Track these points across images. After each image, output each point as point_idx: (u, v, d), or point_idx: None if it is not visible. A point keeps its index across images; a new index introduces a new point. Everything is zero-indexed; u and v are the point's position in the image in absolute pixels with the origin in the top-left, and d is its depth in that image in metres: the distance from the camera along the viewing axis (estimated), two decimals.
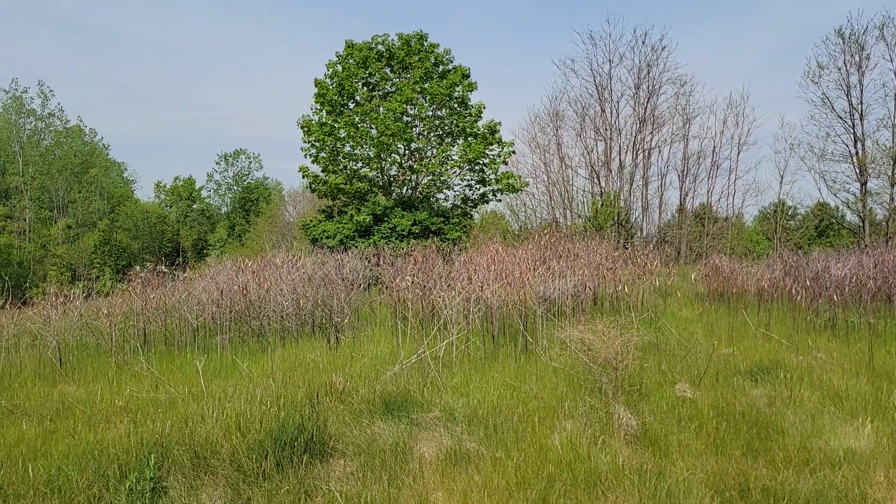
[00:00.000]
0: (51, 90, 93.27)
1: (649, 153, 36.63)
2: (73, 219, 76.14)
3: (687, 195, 38.99)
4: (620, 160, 35.79)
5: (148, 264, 17.58)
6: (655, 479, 5.97)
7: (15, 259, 69.45)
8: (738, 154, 40.94)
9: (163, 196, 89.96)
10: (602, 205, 31.70)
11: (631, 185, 36.02)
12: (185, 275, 18.24)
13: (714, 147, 38.98)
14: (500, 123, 29.96)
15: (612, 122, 36.17)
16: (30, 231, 73.48)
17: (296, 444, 6.49)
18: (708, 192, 39.55)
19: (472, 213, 33.01)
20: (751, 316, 14.01)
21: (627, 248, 17.93)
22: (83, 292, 16.61)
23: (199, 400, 8.26)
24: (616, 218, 31.80)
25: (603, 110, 36.22)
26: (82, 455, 6.30)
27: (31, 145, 76.20)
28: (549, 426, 7.24)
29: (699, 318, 14.16)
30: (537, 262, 13.36)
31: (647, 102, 36.36)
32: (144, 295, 14.68)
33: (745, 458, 6.59)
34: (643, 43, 41.05)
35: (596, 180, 35.38)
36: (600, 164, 35.76)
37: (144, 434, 6.82)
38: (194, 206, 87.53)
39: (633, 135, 36.20)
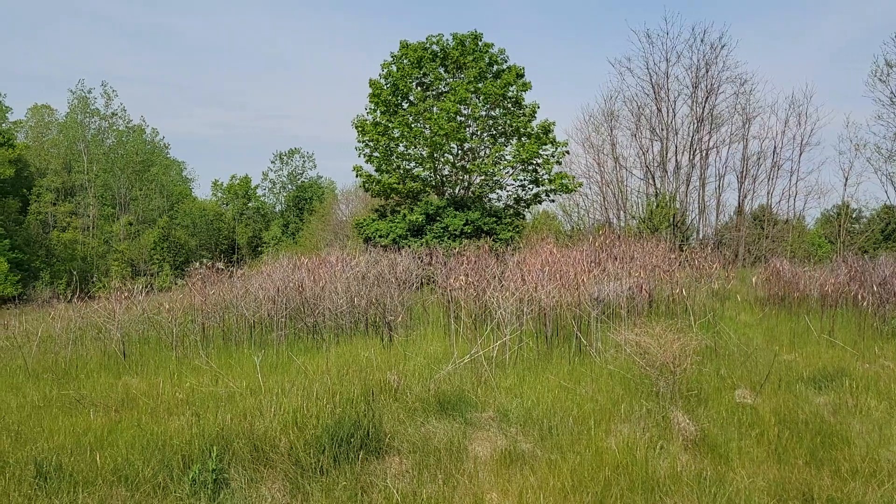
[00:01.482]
0: (114, 90, 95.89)
1: (707, 154, 35.91)
2: (135, 216, 78.41)
3: (746, 197, 38.11)
4: (677, 161, 35.19)
5: (205, 261, 17.97)
6: (715, 486, 5.84)
7: (79, 254, 71.89)
8: (800, 155, 39.74)
9: (219, 194, 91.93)
10: (657, 206, 31.20)
11: (687, 186, 35.38)
12: (241, 272, 18.60)
13: (775, 147, 38.02)
14: (554, 123, 29.76)
15: (669, 121, 35.57)
16: (93, 227, 75.95)
17: (352, 440, 6.55)
18: (768, 193, 38.60)
19: (524, 213, 32.87)
20: (813, 321, 13.61)
21: (684, 251, 17.60)
22: (144, 287, 17.07)
23: (256, 394, 8.40)
24: (671, 219, 31.26)
25: (659, 110, 35.66)
26: (147, 445, 6.47)
27: (96, 144, 78.70)
28: (605, 429, 7.15)
29: (759, 323, 13.82)
30: (592, 264, 13.22)
31: (706, 102, 35.64)
32: (204, 291, 15.00)
33: (808, 467, 6.40)
34: (702, 41, 40.29)
35: (651, 181, 34.84)
36: (656, 165, 35.21)
37: (205, 426, 6.97)
38: (250, 205, 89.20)
39: (691, 135, 35.55)
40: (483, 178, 30.69)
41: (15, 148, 72.86)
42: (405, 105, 30.77)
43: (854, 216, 43.63)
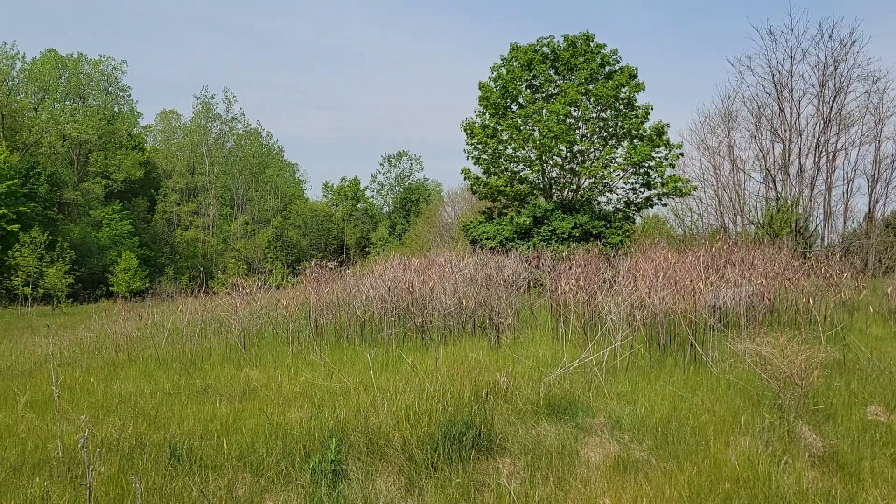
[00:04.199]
0: (234, 96, 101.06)
1: (834, 156, 33.93)
2: (251, 215, 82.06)
3: (877, 202, 35.70)
4: (800, 163, 33.42)
5: (314, 260, 18.55)
6: None
7: (200, 252, 75.96)
8: None
9: (330, 195, 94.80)
10: (778, 211, 29.75)
11: (811, 190, 33.55)
12: (351, 271, 19.10)
13: None
14: (668, 125, 28.98)
15: (792, 122, 33.85)
16: (213, 226, 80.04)
17: (464, 439, 6.62)
18: None
19: (634, 217, 32.17)
20: None
21: (809, 258, 16.70)
22: (261, 284, 17.84)
23: (369, 391, 8.61)
24: (793, 225, 29.74)
25: (782, 110, 34.01)
26: (269, 434, 6.77)
27: (217, 147, 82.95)
28: (724, 441, 6.90)
29: (893, 337, 12.94)
30: (709, 270, 12.77)
31: (833, 101, 33.69)
32: (318, 289, 15.51)
33: None
34: (829, 37, 38.14)
35: (771, 184, 33.26)
36: (777, 168, 33.59)
37: (322, 419, 7.22)
38: (358, 206, 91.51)
39: (816, 136, 33.69)
40: (592, 180, 30.27)
41: (144, 151, 77.87)
42: (514, 108, 30.76)
43: None
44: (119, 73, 73.83)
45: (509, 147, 30.42)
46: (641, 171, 29.62)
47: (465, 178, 32.17)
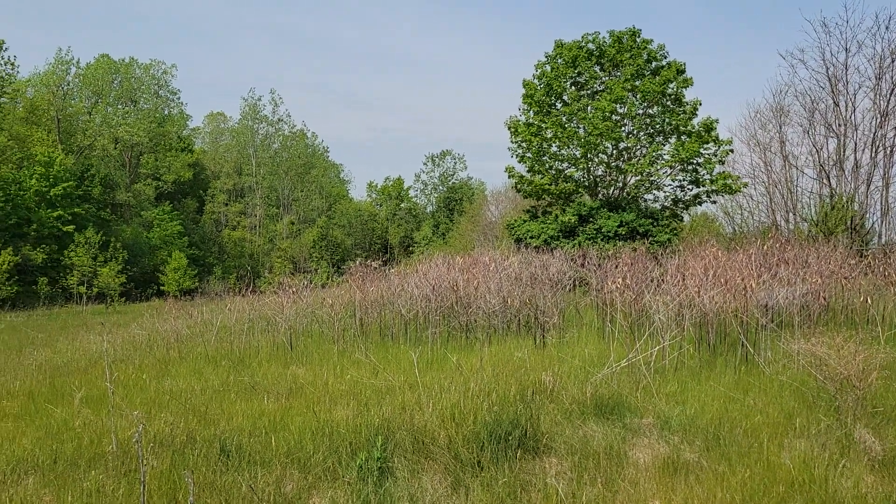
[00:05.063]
0: (280, 97, 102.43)
1: (892, 151, 32.73)
2: (296, 215, 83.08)
3: None
4: (856, 159, 32.36)
5: (359, 259, 18.66)
6: None
7: (247, 251, 77.19)
8: None
9: (374, 195, 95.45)
10: (832, 208, 28.91)
11: (868, 186, 32.47)
12: (395, 270, 19.18)
13: None
14: (717, 121, 28.42)
15: (847, 116, 32.80)
16: (259, 226, 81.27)
17: (510, 438, 6.57)
18: None
19: (682, 214, 31.62)
20: None
21: (866, 256, 16.17)
22: (306, 284, 18.03)
23: (414, 389, 8.61)
24: (849, 222, 28.85)
25: (836, 104, 32.98)
26: (316, 431, 6.82)
27: (263, 148, 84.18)
28: (778, 444, 6.72)
29: None
30: (761, 268, 12.47)
31: (891, 95, 32.54)
32: (363, 287, 15.61)
33: None
34: (887, 28, 36.88)
35: (825, 181, 32.28)
36: (831, 164, 32.58)
37: (368, 417, 7.25)
38: (402, 205, 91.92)
39: (872, 131, 32.57)
40: (639, 178, 29.85)
41: (193, 153, 79.46)
42: (559, 105, 30.52)
43: None
44: (169, 77, 75.52)
45: (554, 145, 30.19)
46: (689, 167, 29.10)
47: (509, 177, 32.05)
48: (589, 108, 29.26)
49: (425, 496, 5.76)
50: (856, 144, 32.48)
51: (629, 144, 29.69)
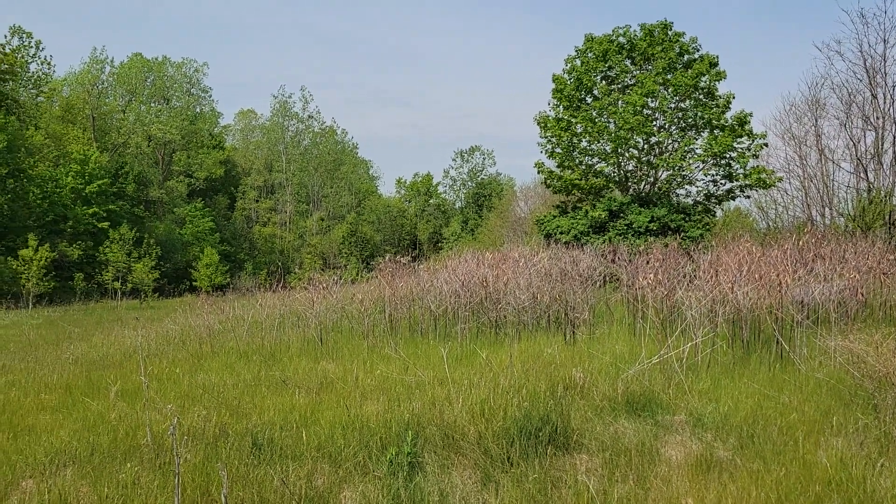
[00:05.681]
0: (310, 94, 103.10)
1: None
2: (326, 212, 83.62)
3: None
4: (894, 152, 31.62)
5: (388, 255, 18.71)
6: None
7: (277, 247, 77.92)
8: None
9: (403, 191, 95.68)
10: (870, 202, 28.30)
11: None
12: (424, 266, 19.20)
13: None
14: (750, 114, 27.96)
15: (886, 109, 32.04)
16: (289, 223, 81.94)
17: (540, 434, 6.54)
18: None
19: (714, 210, 31.21)
20: None
21: None
22: (336, 279, 18.13)
23: (444, 385, 8.61)
24: (888, 217, 28.20)
25: (874, 96, 32.24)
26: (347, 426, 6.86)
27: (293, 145, 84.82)
28: (814, 442, 6.60)
29: None
30: (796, 264, 12.26)
31: None
32: (393, 283, 15.65)
33: None
34: None
35: (863, 175, 31.58)
36: (869, 157, 31.87)
37: (398, 412, 7.27)
38: (431, 201, 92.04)
39: None
40: (670, 173, 29.50)
41: (224, 150, 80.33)
42: (589, 100, 30.29)
43: None
44: (200, 75, 76.52)
45: (584, 140, 29.98)
46: (722, 162, 28.69)
47: (538, 172, 31.90)
48: (620, 102, 28.98)
49: (455, 491, 5.75)
50: (894, 137, 31.73)
51: (660, 139, 29.37)
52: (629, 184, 30.71)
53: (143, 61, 71.77)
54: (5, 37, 58.24)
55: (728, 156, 28.32)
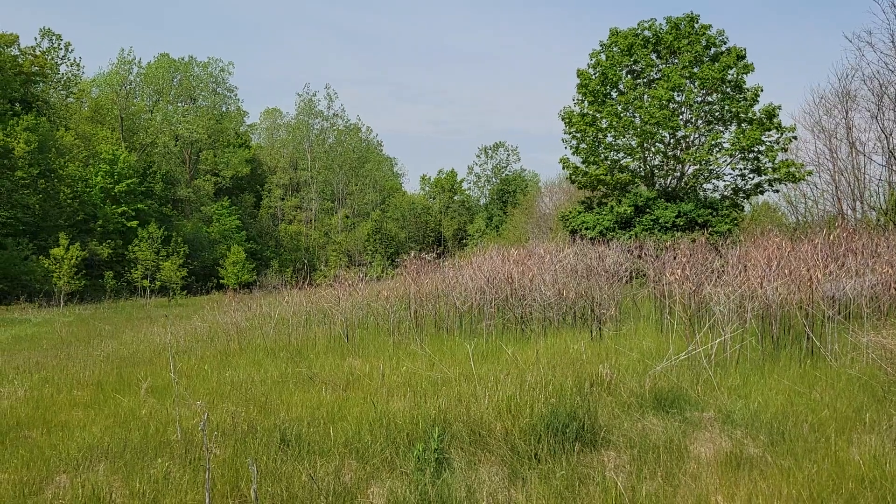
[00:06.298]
0: (335, 92, 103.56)
1: None
2: (350, 209, 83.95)
3: None
4: None
5: (413, 252, 18.73)
6: None
7: (303, 245, 78.40)
8: None
9: (427, 188, 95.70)
10: None
11: None
12: (449, 262, 19.20)
13: None
14: (779, 107, 27.55)
15: None
16: (315, 220, 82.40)
17: (567, 431, 6.51)
18: None
19: (742, 204, 30.83)
20: None
21: None
22: (361, 276, 18.21)
23: (470, 381, 8.62)
24: None
25: None
26: (373, 422, 6.88)
27: (318, 143, 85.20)
28: (847, 439, 6.50)
29: None
30: (827, 259, 12.07)
31: None
32: (418, 280, 15.67)
33: None
34: None
35: (895, 167, 31.04)
36: None
37: (425, 408, 7.28)
38: (455, 198, 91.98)
39: None
40: (697, 167, 29.20)
41: (250, 148, 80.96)
42: (614, 94, 30.06)
43: None
44: (226, 75, 77.18)
45: (609, 135, 29.76)
46: (751, 156, 28.32)
47: (563, 168, 31.72)
48: (645, 96, 28.73)
49: (482, 487, 5.75)
50: None
51: (687, 133, 29.06)
52: (655, 179, 30.45)
53: (169, 61, 72.57)
54: (35, 39, 59.21)
55: (756, 149, 27.95)
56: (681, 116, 28.92)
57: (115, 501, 5.53)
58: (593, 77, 29.98)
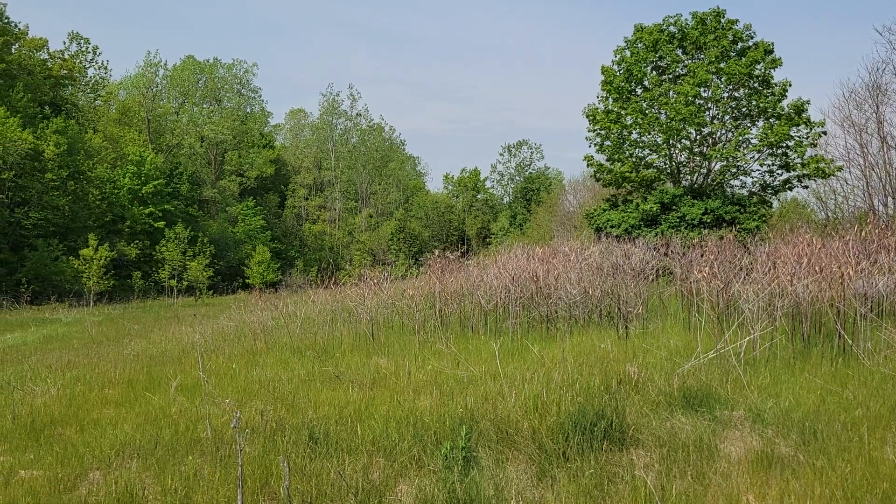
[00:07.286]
0: (358, 92, 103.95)
1: None
2: (374, 208, 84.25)
3: None
4: None
5: (437, 251, 18.73)
6: None
7: (327, 244, 78.83)
8: None
9: (450, 187, 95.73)
10: None
11: None
12: (473, 261, 19.19)
13: None
14: (808, 102, 27.15)
15: None
16: (339, 220, 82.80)
17: (595, 429, 6.48)
18: None
19: (771, 201, 30.45)
20: None
21: None
22: (386, 275, 18.25)
23: (496, 379, 8.61)
24: None
25: None
26: (401, 420, 6.90)
27: (342, 143, 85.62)
28: (880, 438, 6.39)
29: None
30: (858, 255, 11.88)
31: None
32: (442, 279, 15.68)
33: None
34: None
35: None
36: None
37: (451, 407, 7.28)
38: (478, 196, 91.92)
39: None
40: (724, 164, 28.88)
41: (275, 149, 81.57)
42: (639, 91, 29.83)
43: None
44: (250, 76, 77.81)
45: (634, 132, 29.55)
46: (779, 152, 27.95)
47: (587, 166, 31.56)
48: (671, 92, 28.48)
49: (510, 486, 5.74)
50: None
51: (713, 129, 28.77)
52: (681, 175, 30.19)
53: (195, 63, 73.32)
54: (64, 43, 60.19)
55: (784, 145, 27.59)
56: (707, 112, 28.63)
57: (148, 498, 5.61)
58: (618, 74, 29.78)
